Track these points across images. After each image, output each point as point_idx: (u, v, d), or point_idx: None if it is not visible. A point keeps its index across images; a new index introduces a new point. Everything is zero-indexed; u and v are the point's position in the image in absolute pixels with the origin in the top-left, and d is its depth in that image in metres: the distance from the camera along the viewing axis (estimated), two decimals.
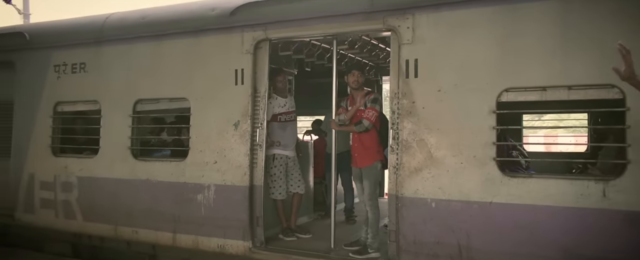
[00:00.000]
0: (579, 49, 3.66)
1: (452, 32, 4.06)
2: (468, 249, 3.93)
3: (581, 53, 3.65)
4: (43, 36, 6.13)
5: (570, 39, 3.68)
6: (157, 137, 6.21)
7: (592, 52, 3.62)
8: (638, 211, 3.43)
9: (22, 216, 6.19)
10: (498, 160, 3.86)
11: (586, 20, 3.64)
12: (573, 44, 3.68)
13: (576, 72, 3.67)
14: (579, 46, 3.66)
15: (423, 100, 4.13)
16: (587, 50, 3.63)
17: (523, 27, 3.83)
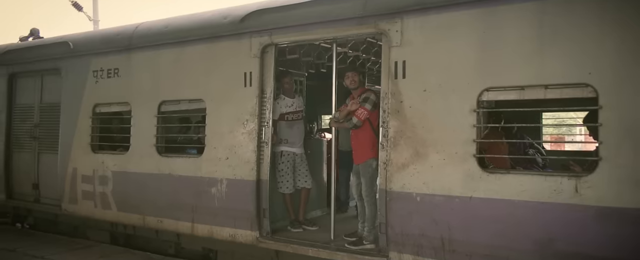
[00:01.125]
0: (555, 49, 3.79)
1: (437, 35, 4.29)
2: (450, 241, 4.15)
3: (557, 53, 3.79)
4: (83, 45, 6.87)
5: (546, 40, 3.83)
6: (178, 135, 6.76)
7: (567, 52, 3.75)
8: (608, 206, 3.54)
9: (68, 206, 6.95)
10: (478, 157, 4.06)
11: (561, 21, 3.77)
12: (549, 44, 3.82)
13: (552, 71, 3.81)
14: (555, 47, 3.79)
15: (410, 99, 4.38)
16: (562, 50, 3.77)
17: (502, 29, 4.01)
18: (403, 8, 4.43)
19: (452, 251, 4.15)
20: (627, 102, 3.52)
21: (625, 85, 3.54)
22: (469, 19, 4.15)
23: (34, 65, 7.53)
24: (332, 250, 4.89)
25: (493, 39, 4.04)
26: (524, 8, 3.91)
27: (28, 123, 7.64)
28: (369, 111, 4.84)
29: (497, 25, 4.03)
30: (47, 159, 7.32)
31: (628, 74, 3.53)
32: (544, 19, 3.84)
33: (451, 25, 4.22)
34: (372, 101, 4.88)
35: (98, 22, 17.16)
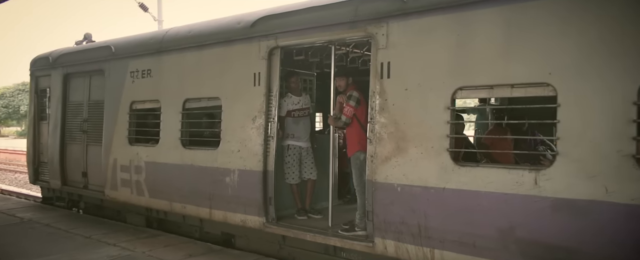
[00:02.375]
0: (519, 51, 4.07)
1: (417, 38, 4.65)
2: (426, 228, 4.52)
3: (521, 55, 4.07)
4: (123, 48, 7.71)
5: (512, 43, 4.11)
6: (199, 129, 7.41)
7: (530, 54, 4.02)
8: (564, 198, 3.80)
9: (110, 192, 7.84)
10: (451, 151, 4.40)
11: (525, 24, 4.05)
12: (514, 46, 4.10)
13: (517, 72, 4.09)
14: (519, 48, 4.08)
15: (393, 98, 4.78)
16: (525, 51, 4.04)
17: (473, 32, 4.32)
18: (388, 13, 4.82)
19: (427, 237, 4.52)
20: (582, 100, 3.76)
21: (580, 85, 3.77)
22: (444, 23, 4.48)
23: (83, 66, 8.50)
24: (327, 235, 5.38)
25: (465, 42, 4.36)
26: (493, 12, 4.21)
27: (78, 118, 8.64)
28: (354, 107, 5.27)
29: (469, 28, 4.34)
30: (93, 150, 8.27)
31: (583, 74, 3.76)
32: (510, 22, 4.12)
33: (429, 29, 4.58)
34: (355, 98, 5.30)
35: (162, 22, 18.29)
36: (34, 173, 9.77)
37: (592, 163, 3.69)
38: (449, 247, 4.39)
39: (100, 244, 6.45)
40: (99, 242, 6.54)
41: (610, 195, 3.60)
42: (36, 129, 9.71)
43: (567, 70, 3.84)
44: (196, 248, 6.23)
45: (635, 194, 3.51)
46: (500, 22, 4.17)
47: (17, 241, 6.63)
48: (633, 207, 3.52)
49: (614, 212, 3.60)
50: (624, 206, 3.55)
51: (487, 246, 4.17)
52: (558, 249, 3.83)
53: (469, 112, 7.50)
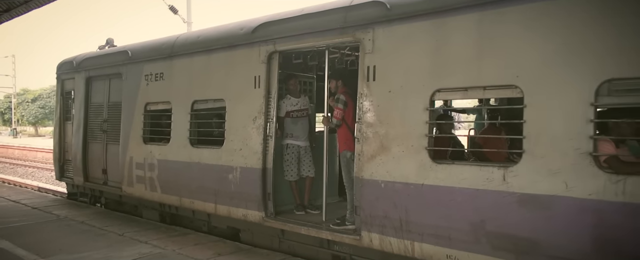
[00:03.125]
0: (490, 55, 4.35)
1: (400, 43, 4.97)
2: (406, 222, 4.83)
3: (492, 59, 4.34)
4: (138, 53, 8.24)
5: (483, 47, 4.39)
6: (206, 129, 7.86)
7: (499, 58, 4.29)
8: (528, 193, 4.06)
9: (126, 188, 8.39)
10: (429, 149, 4.69)
11: (495, 31, 4.32)
12: (486, 51, 4.38)
13: (488, 74, 4.37)
14: (490, 53, 4.35)
15: (378, 99, 5.10)
16: (496, 56, 4.32)
17: (449, 38, 4.61)
18: (374, 19, 5.15)
19: (408, 231, 4.83)
20: (545, 101, 4.02)
21: (544, 87, 4.03)
22: (424, 29, 4.79)
23: (103, 70, 9.09)
24: (319, 229, 5.74)
25: (443, 47, 4.65)
26: (466, 19, 4.49)
27: (99, 118, 9.23)
28: (342, 110, 5.61)
29: (445, 34, 4.63)
30: (112, 149, 8.84)
31: (547, 77, 4.02)
32: (481, 28, 4.40)
33: (410, 35, 4.89)
34: (342, 100, 5.65)
35: (191, 23, 19.06)
36: (60, 170, 10.46)
37: (554, 160, 3.94)
38: (427, 240, 4.69)
39: (132, 241, 6.71)
40: (131, 239, 6.81)
41: (570, 191, 3.85)
42: (62, 128, 10.40)
43: (533, 73, 4.10)
44: (225, 247, 6.42)
45: (592, 189, 3.75)
46: (473, 28, 4.45)
47: (55, 238, 6.93)
48: (590, 201, 3.76)
49: (574, 206, 3.84)
50: (582, 201, 3.80)
51: (461, 239, 4.46)
52: (523, 241, 4.09)
53: (469, 112, 7.72)
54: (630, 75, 3.65)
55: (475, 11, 4.44)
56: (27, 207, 9.36)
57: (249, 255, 6.07)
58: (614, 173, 3.69)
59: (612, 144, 3.89)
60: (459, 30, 4.55)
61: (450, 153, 5.45)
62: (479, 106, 6.72)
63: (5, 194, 11.04)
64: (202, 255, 6.01)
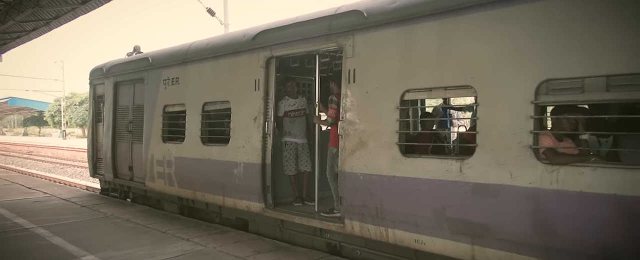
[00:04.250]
0: (450, 58, 4.85)
1: (375, 48, 5.51)
2: (381, 210, 5.38)
3: (451, 61, 4.84)
4: (158, 59, 9.07)
5: (444, 51, 4.89)
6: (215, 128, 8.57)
7: (457, 61, 4.79)
8: (480, 182, 4.55)
9: (149, 184, 9.24)
10: (399, 145, 5.23)
11: (453, 36, 4.82)
12: (446, 54, 4.88)
13: (448, 76, 4.87)
14: (450, 56, 4.85)
15: (357, 99, 5.66)
16: (454, 59, 4.81)
17: (416, 43, 5.13)
18: (354, 27, 5.72)
19: (382, 218, 5.37)
20: (494, 100, 4.49)
21: (492, 87, 4.51)
22: (395, 35, 5.32)
23: (129, 75, 9.99)
24: (310, 218, 6.35)
25: (410, 51, 5.17)
26: (430, 27, 5.00)
27: (125, 120, 10.14)
28: (335, 109, 6.20)
29: (413, 40, 5.15)
30: (137, 147, 9.72)
31: (495, 78, 4.49)
32: (442, 35, 4.91)
33: (384, 41, 5.43)
34: (335, 102, 6.22)
35: (228, 25, 19.61)
36: (93, 168, 11.50)
37: (501, 153, 4.42)
38: (398, 226, 5.23)
39: (175, 238, 6.98)
40: (174, 237, 7.08)
41: (514, 180, 4.32)
42: (94, 129, 11.42)
43: (484, 74, 4.58)
44: (264, 245, 6.60)
45: (531, 178, 4.21)
46: (435, 35, 4.96)
47: (102, 235, 7.28)
48: (530, 189, 4.22)
49: (517, 194, 4.31)
50: (524, 189, 4.26)
51: (426, 224, 4.97)
52: (478, 226, 4.58)
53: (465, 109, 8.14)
54: (563, 76, 4.09)
55: (437, 19, 4.95)
56: (76, 205, 9.92)
57: (287, 253, 6.25)
58: (550, 164, 4.14)
59: (551, 138, 4.33)
60: (423, 37, 5.06)
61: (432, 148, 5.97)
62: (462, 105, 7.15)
63: (56, 192, 11.72)
64: (242, 253, 6.19)
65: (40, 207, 9.70)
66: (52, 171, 24.18)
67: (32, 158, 31.95)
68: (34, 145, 42.02)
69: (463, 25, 4.75)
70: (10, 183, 13.61)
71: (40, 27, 21.48)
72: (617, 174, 3.79)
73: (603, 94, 3.92)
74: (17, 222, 8.12)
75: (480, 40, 4.62)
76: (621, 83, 3.81)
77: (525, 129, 4.26)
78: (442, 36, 4.90)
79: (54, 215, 8.74)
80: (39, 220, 8.21)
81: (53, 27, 21.37)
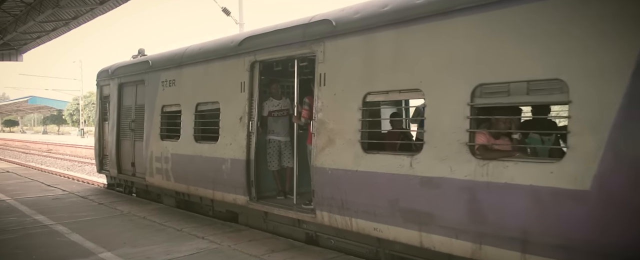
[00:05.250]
0: (402, 63, 5.44)
1: (342, 54, 6.12)
2: (346, 201, 5.98)
3: (403, 66, 5.42)
4: (157, 63, 9.80)
5: (398, 57, 5.48)
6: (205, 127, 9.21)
7: (408, 66, 5.37)
8: (426, 176, 5.13)
9: (149, 179, 9.98)
10: (361, 142, 5.82)
11: (406, 43, 5.41)
12: (399, 60, 5.47)
13: (401, 80, 5.46)
14: (402, 61, 5.44)
15: (327, 101, 6.27)
16: (406, 64, 5.40)
17: (375, 50, 5.72)
18: (325, 35, 6.33)
19: (347, 209, 5.98)
20: (438, 102, 5.07)
21: (437, 90, 5.09)
22: (359, 43, 5.92)
23: (131, 77, 10.76)
24: (287, 209, 7.00)
25: (371, 57, 5.77)
26: (387, 35, 5.59)
27: (128, 119, 10.91)
28: (308, 110, 6.82)
29: (373, 47, 5.75)
30: (138, 145, 10.47)
31: (439, 82, 5.07)
32: (397, 43, 5.49)
33: (349, 48, 6.03)
34: (306, 103, 6.84)
35: (243, 25, 20.05)
36: (100, 164, 12.31)
37: (443, 149, 4.99)
38: (360, 216, 5.82)
39: (190, 236, 7.16)
40: (189, 234, 7.27)
41: (453, 173, 4.90)
42: (101, 128, 12.23)
43: (431, 79, 5.16)
44: (278, 244, 6.73)
45: (467, 172, 4.78)
46: (392, 43, 5.55)
47: (119, 232, 7.49)
48: (466, 181, 4.79)
49: (456, 185, 4.88)
50: (462, 181, 4.83)
51: (382, 214, 5.57)
52: (424, 214, 5.16)
53: None
54: (493, 81, 4.66)
55: (392, 29, 5.53)
56: (94, 202, 10.21)
57: (301, 252, 6.37)
58: (482, 159, 4.71)
59: (485, 135, 4.89)
60: (382, 44, 5.65)
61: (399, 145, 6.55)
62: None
63: (75, 190, 12.11)
64: (256, 252, 6.30)
65: (59, 204, 10.05)
66: (70, 169, 24.97)
67: (51, 156, 32.97)
68: (53, 143, 43.43)
69: (413, 35, 5.34)
70: (31, 180, 14.07)
71: (59, 27, 22.54)
72: (532, 167, 4.35)
73: (524, 97, 4.49)
74: (37, 218, 8.46)
75: (427, 48, 5.20)
76: (537, 87, 4.37)
77: (463, 127, 4.83)
78: (397, 44, 5.49)
79: (72, 213, 9.03)
80: (58, 217, 8.50)
81: (72, 27, 22.37)
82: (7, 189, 12.09)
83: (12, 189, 12.00)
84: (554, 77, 4.24)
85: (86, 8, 19.10)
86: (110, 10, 19.45)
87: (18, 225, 7.83)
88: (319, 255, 6.20)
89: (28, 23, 20.40)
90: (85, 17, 20.66)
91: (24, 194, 11.35)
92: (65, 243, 6.80)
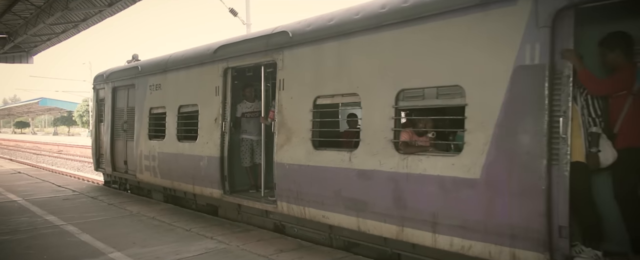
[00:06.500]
0: (344, 71, 6.26)
1: (298, 62, 6.96)
2: (300, 193, 6.82)
3: (344, 73, 6.25)
4: (145, 68, 10.72)
5: (341, 65, 6.31)
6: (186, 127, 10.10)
7: (348, 73, 6.20)
8: (361, 169, 5.95)
9: (139, 175, 10.91)
10: (312, 140, 6.66)
11: (346, 53, 6.24)
12: (341, 68, 6.30)
13: (343, 85, 6.29)
14: (343, 70, 6.27)
15: (285, 104, 7.12)
16: (346, 72, 6.23)
17: (323, 59, 6.56)
18: (283, 45, 7.18)
19: (301, 199, 6.82)
20: (370, 104, 5.90)
21: (370, 94, 5.91)
22: (310, 52, 6.76)
23: (123, 81, 11.70)
24: (254, 201, 7.86)
25: (320, 65, 6.60)
26: (332, 46, 6.42)
27: (121, 120, 11.85)
28: (274, 112, 7.66)
29: (321, 56, 6.58)
30: (130, 144, 11.40)
31: (372, 87, 5.89)
32: (339, 53, 6.33)
33: (303, 56, 6.88)
34: (274, 105, 7.69)
35: (250, 25, 20.50)
36: (96, 162, 13.29)
37: (374, 146, 5.82)
38: (311, 205, 6.66)
39: (198, 236, 7.27)
40: (198, 235, 7.38)
41: (382, 166, 5.72)
42: (97, 129, 13.20)
43: (365, 84, 5.99)
44: (287, 243, 6.82)
45: (392, 165, 5.60)
46: (335, 53, 6.38)
47: (129, 232, 7.61)
48: (391, 173, 5.62)
49: (384, 177, 5.70)
50: (388, 173, 5.66)
51: (328, 203, 6.40)
52: (360, 202, 5.98)
53: None
54: (412, 86, 5.48)
55: (336, 40, 6.37)
56: (104, 203, 10.41)
57: (310, 252, 6.44)
58: (404, 153, 5.53)
59: (407, 133, 5.72)
60: (328, 54, 6.49)
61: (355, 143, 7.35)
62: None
63: (85, 190, 12.37)
64: (265, 252, 6.39)
65: (70, 204, 10.24)
66: (80, 170, 25.54)
67: (61, 157, 33.76)
68: (63, 144, 44.51)
69: (351, 46, 6.17)
70: (42, 181, 14.31)
71: (69, 30, 23.28)
72: (440, 160, 5.17)
73: (435, 100, 5.31)
74: (48, 219, 8.62)
75: (362, 58, 6.03)
76: (444, 92, 5.19)
77: (389, 126, 5.66)
78: (339, 54, 6.33)
79: (82, 213, 9.20)
80: (68, 218, 8.65)
81: (81, 29, 23.14)
82: (19, 189, 12.46)
83: (23, 190, 12.34)
84: (454, 83, 5.06)
85: (95, 10, 19.63)
86: (118, 12, 19.87)
87: (30, 226, 8.06)
88: (328, 255, 6.29)
89: (38, 25, 21.06)
90: (94, 19, 21.11)
91: (35, 194, 11.62)
92: (75, 243, 6.96)
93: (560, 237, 4.31)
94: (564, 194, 4.28)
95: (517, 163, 4.53)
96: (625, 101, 4.40)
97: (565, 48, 4.29)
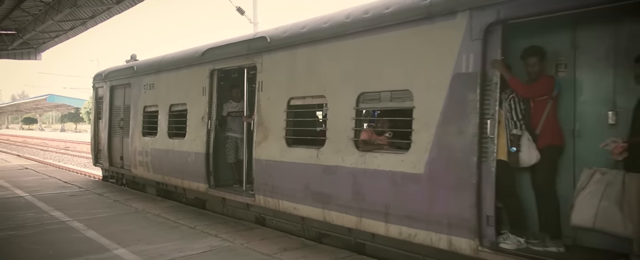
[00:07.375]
0: (314, 74, 6.86)
1: (274, 66, 7.56)
2: (274, 186, 7.42)
3: (314, 77, 6.85)
4: (140, 68, 11.37)
5: (312, 69, 6.91)
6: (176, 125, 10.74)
7: (317, 77, 6.79)
8: (327, 165, 6.54)
9: (133, 170, 11.57)
10: (286, 138, 7.25)
11: (315, 58, 6.83)
12: (311, 72, 6.89)
13: (313, 87, 6.88)
14: (313, 73, 6.86)
15: (263, 104, 7.72)
16: (316, 75, 6.82)
17: (296, 63, 7.16)
18: (262, 49, 7.78)
19: (276, 192, 7.41)
20: (335, 105, 6.48)
21: (335, 96, 6.50)
22: (285, 57, 7.35)
23: (120, 81, 12.37)
24: (236, 194, 8.47)
25: (293, 69, 7.20)
26: (304, 51, 7.02)
27: (118, 118, 12.52)
28: None
29: (295, 61, 7.18)
30: (126, 140, 12.07)
31: (337, 90, 6.48)
32: (310, 58, 6.92)
33: (279, 60, 7.48)
34: None
35: (257, 24, 21.20)
36: (95, 157, 13.99)
37: (338, 144, 6.41)
38: (284, 198, 7.26)
39: (203, 234, 7.34)
40: (202, 232, 7.46)
41: (344, 162, 6.30)
42: (96, 125, 13.88)
43: (331, 87, 6.58)
44: (291, 242, 6.91)
45: (352, 161, 6.18)
46: (306, 57, 6.98)
47: (134, 229, 7.75)
48: (352, 168, 6.20)
49: (346, 172, 6.29)
50: (349, 168, 6.24)
51: (299, 196, 6.98)
52: (326, 195, 6.57)
53: None
54: (370, 90, 6.06)
55: (307, 46, 6.97)
56: (109, 199, 10.56)
57: (313, 250, 6.52)
58: (362, 151, 6.12)
59: (367, 133, 6.30)
60: (300, 59, 7.09)
61: None
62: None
63: (91, 187, 12.62)
64: (268, 250, 6.46)
65: (75, 201, 10.36)
66: (87, 166, 25.55)
67: (68, 153, 34.31)
68: (70, 141, 45.27)
69: (320, 51, 6.77)
70: (48, 177, 14.50)
71: (77, 27, 23.79)
72: (392, 157, 5.75)
73: (389, 103, 5.89)
74: (54, 215, 8.74)
75: (330, 63, 6.63)
76: (397, 96, 5.78)
77: (350, 126, 6.25)
78: (310, 59, 6.93)
79: (88, 209, 9.32)
80: (74, 214, 8.77)
81: (89, 26, 23.63)
82: (26, 185, 12.69)
83: (30, 186, 12.55)
84: (405, 88, 5.64)
85: (103, 7, 20.13)
86: (126, 9, 20.37)
87: (36, 221, 8.18)
88: (331, 255, 6.34)
89: (47, 22, 21.59)
90: (102, 17, 21.55)
91: (41, 190, 11.80)
92: (81, 239, 7.05)
93: (487, 225, 4.88)
94: (490, 187, 4.85)
95: (453, 160, 5.10)
96: (546, 105, 4.99)
97: (494, 59, 4.86)
